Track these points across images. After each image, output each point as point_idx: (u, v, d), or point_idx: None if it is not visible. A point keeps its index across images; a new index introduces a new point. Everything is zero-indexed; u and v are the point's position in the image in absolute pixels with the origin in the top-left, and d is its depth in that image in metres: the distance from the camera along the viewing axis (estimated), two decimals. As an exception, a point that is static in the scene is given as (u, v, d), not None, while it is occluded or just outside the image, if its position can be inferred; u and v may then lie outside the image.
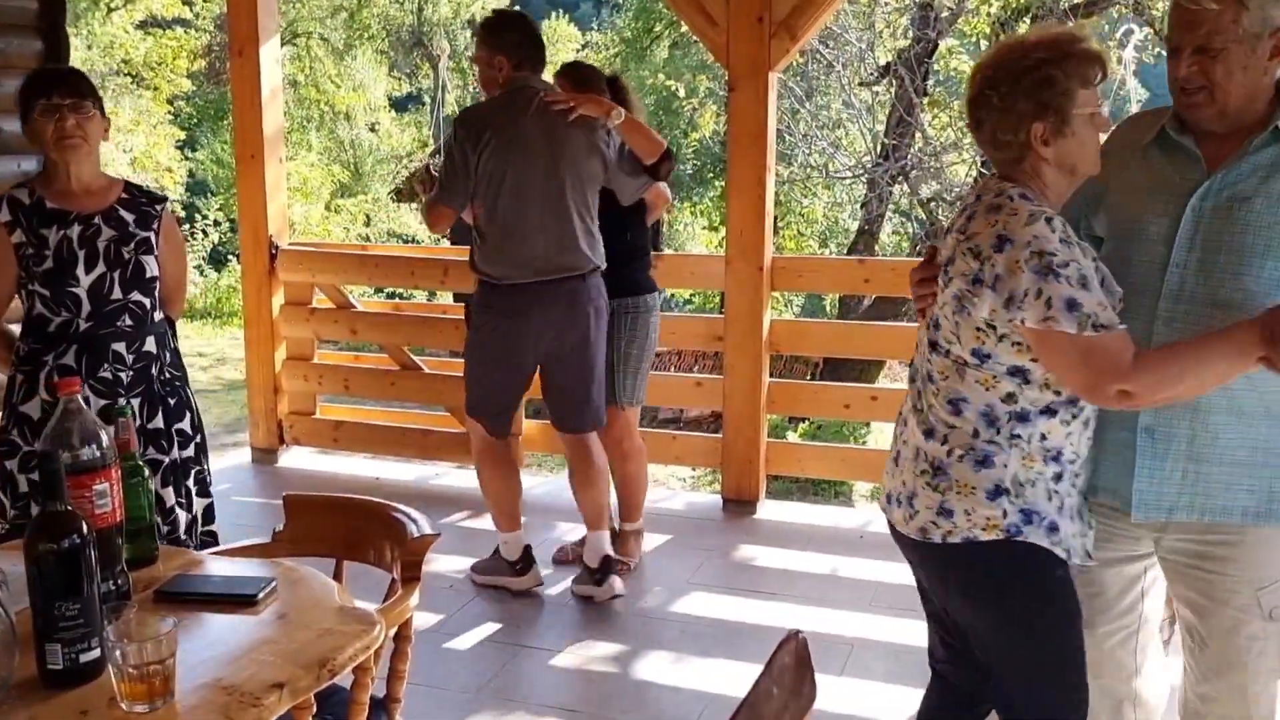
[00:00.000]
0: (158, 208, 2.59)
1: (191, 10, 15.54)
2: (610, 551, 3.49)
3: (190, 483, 2.64)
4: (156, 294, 2.57)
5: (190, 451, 2.63)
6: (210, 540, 2.65)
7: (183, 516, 2.60)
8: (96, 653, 1.43)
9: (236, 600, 1.66)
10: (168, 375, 2.61)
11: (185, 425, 2.62)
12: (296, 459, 4.90)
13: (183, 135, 16.49)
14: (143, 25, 15.35)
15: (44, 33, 3.62)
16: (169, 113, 15.72)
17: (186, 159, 16.37)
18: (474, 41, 3.61)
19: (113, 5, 14.83)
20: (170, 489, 2.57)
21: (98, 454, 1.62)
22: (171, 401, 2.59)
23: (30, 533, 1.43)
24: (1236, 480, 1.83)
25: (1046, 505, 1.79)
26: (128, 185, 2.60)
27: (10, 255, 2.44)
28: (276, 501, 2.19)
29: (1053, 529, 1.80)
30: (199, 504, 2.66)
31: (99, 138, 2.52)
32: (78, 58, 12.37)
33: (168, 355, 2.60)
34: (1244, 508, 1.83)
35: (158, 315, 2.58)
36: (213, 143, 17.03)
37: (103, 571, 1.54)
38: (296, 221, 13.81)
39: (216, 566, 1.90)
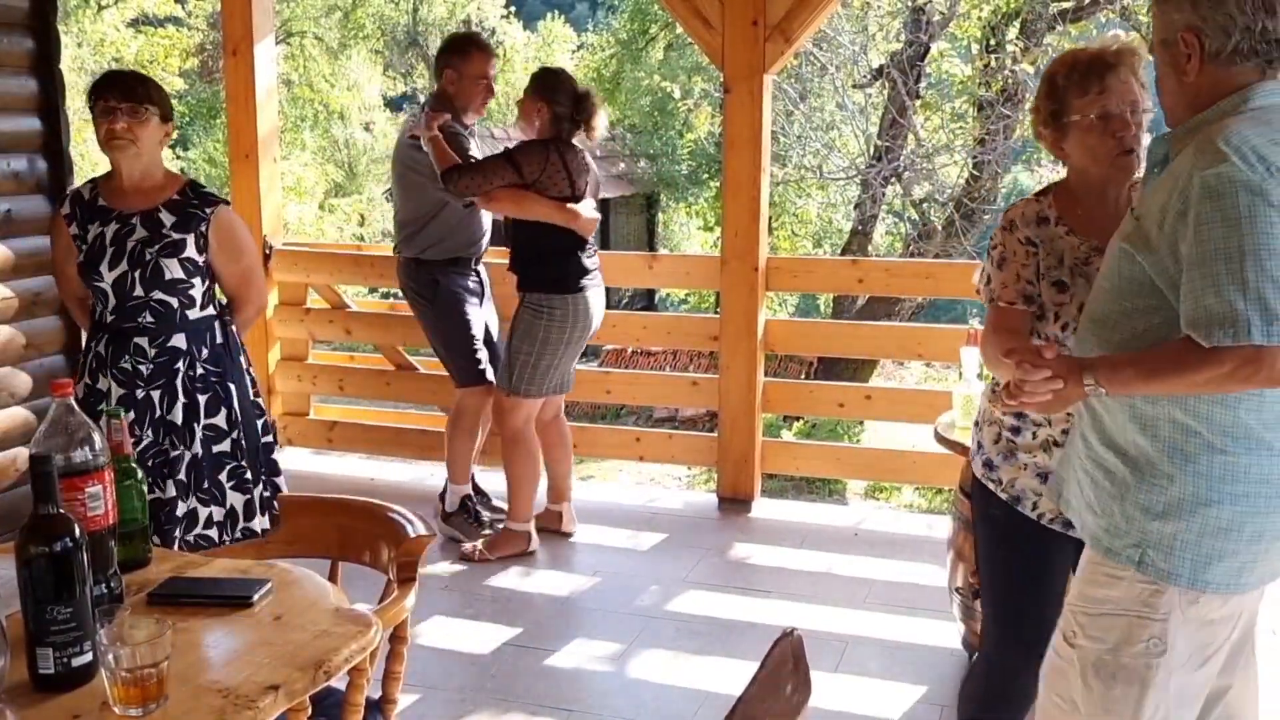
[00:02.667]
0: (207, 210, 2.63)
1: (184, 8, 15.48)
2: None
3: (223, 477, 2.63)
4: (195, 294, 2.62)
5: (224, 446, 2.63)
6: (250, 535, 2.67)
7: (208, 511, 2.61)
8: (89, 656, 1.42)
9: (231, 602, 1.65)
10: (201, 371, 2.62)
11: (218, 421, 2.63)
12: (291, 459, 4.87)
13: (174, 134, 16.40)
14: (134, 23, 15.29)
15: (35, 31, 3.58)
16: (161, 111, 15.63)
17: (178, 158, 16.29)
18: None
19: (104, 3, 14.78)
20: (171, 481, 2.57)
21: (90, 456, 1.61)
22: (202, 398, 2.61)
23: (21, 535, 1.42)
24: (1091, 494, 1.70)
25: (991, 446, 2.07)
26: (187, 185, 2.66)
27: (72, 243, 2.63)
28: (271, 502, 2.19)
29: (987, 465, 2.07)
30: (235, 499, 2.65)
31: (154, 140, 2.60)
32: (68, 55, 12.31)
33: (204, 352, 2.63)
34: (1089, 526, 1.71)
35: (197, 314, 2.63)
36: (205, 142, 16.93)
37: (95, 574, 1.53)
38: (291, 221, 13.77)
39: (211, 568, 1.89)
